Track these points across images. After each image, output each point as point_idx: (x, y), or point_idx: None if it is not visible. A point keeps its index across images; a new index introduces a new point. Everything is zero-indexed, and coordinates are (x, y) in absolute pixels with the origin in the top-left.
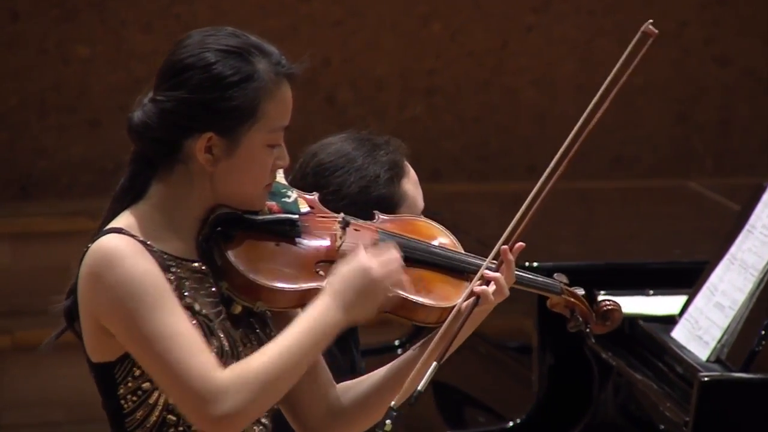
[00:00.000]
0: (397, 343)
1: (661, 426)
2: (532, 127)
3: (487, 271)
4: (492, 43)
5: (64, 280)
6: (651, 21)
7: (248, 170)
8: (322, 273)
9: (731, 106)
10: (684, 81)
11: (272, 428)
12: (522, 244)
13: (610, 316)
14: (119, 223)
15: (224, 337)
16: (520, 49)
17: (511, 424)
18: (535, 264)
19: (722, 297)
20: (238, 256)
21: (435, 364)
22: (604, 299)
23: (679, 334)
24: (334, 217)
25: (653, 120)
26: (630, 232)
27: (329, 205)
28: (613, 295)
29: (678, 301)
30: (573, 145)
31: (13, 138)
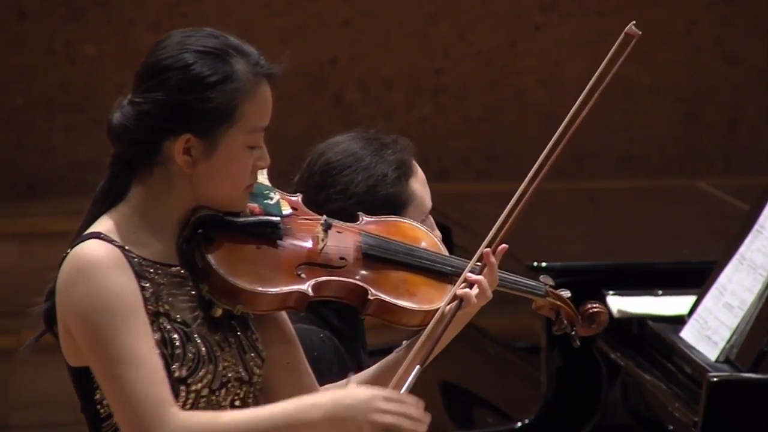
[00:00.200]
0: (404, 343)
1: (670, 426)
2: (540, 127)
3: (470, 274)
4: (500, 42)
5: None
6: (634, 22)
7: (228, 172)
8: (303, 275)
9: (741, 105)
10: (693, 80)
11: None
12: (505, 246)
13: (596, 319)
14: (98, 227)
15: (201, 343)
16: (528, 49)
17: (519, 424)
18: (543, 264)
19: (731, 297)
20: (218, 258)
21: (418, 367)
22: (589, 302)
23: (687, 334)
24: (316, 219)
25: (662, 119)
26: (639, 232)
27: (336, 204)
28: (622, 295)
29: (687, 301)
30: (555, 149)
31: (20, 138)
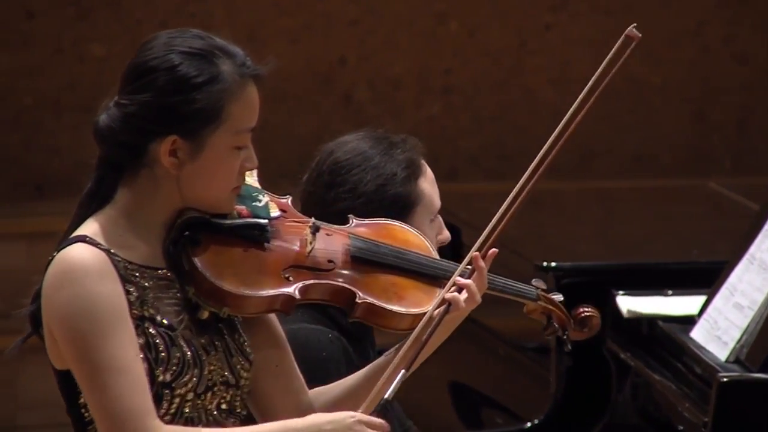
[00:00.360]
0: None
1: (680, 427)
2: (550, 126)
3: (459, 278)
4: (509, 42)
5: None
6: (635, 24)
7: (214, 173)
8: (290, 278)
9: (750, 105)
10: (702, 80)
11: None
12: (495, 251)
13: (588, 323)
14: (85, 230)
15: (186, 347)
16: (538, 48)
17: (528, 424)
18: (552, 264)
19: (741, 297)
20: (204, 261)
21: (403, 371)
22: (582, 306)
23: (697, 334)
24: (305, 222)
25: (672, 119)
26: (648, 232)
27: (345, 203)
28: (632, 295)
29: (697, 301)
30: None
31: (28, 137)
